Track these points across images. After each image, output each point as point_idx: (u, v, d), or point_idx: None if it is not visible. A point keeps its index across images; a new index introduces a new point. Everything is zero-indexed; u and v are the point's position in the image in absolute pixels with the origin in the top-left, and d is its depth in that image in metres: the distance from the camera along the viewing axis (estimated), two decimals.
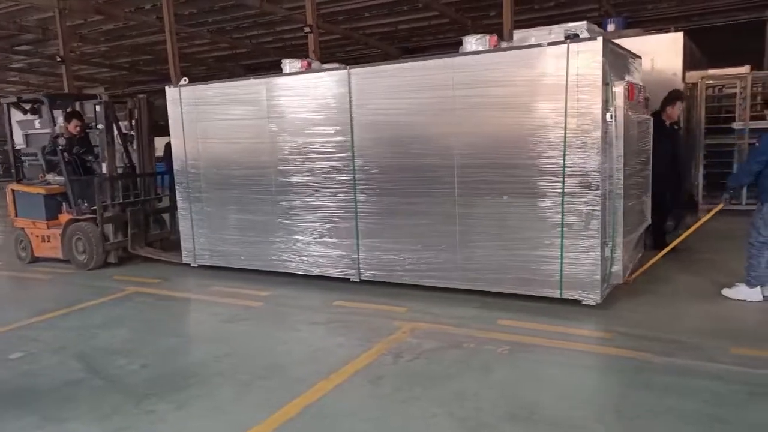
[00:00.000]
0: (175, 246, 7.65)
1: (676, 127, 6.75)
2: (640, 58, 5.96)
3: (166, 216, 8.37)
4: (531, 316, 4.89)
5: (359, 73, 5.73)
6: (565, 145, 4.79)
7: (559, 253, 4.93)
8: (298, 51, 17.41)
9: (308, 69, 6.24)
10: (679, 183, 7.02)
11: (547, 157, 4.88)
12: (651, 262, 5.75)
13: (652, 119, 6.01)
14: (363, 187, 5.84)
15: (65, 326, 5.38)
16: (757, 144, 5.09)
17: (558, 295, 5.00)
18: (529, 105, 4.91)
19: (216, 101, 6.65)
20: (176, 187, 7.18)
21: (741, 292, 5.07)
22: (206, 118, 6.74)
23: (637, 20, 14.66)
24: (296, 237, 6.33)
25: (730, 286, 5.19)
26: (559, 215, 4.89)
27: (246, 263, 6.74)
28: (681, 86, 7.16)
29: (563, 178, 4.84)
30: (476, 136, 5.19)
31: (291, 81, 6.20)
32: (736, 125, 8.97)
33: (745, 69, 9.99)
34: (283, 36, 18.50)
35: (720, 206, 5.42)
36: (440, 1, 14.57)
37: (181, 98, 6.88)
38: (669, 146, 6.44)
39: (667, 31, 7.87)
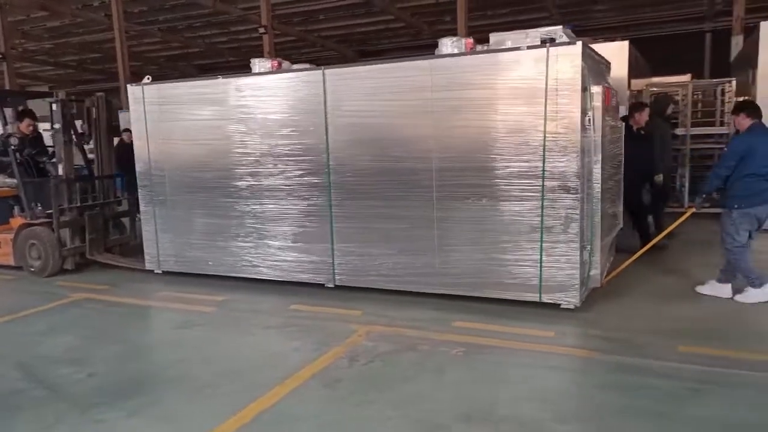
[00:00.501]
0: (136, 251, 7.40)
1: (642, 132, 7.04)
2: (610, 63, 6.09)
3: (126, 220, 8.06)
4: (487, 317, 4.96)
5: (334, 73, 5.59)
6: (544, 149, 4.79)
7: (539, 257, 4.93)
8: (253, 52, 17.21)
9: (279, 69, 6.08)
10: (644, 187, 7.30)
11: (527, 161, 4.87)
12: (625, 264, 5.82)
13: (623, 124, 6.23)
14: (338, 190, 5.70)
15: (5, 334, 5.15)
16: (726, 149, 5.20)
17: (537, 299, 4.98)
18: (508, 108, 4.89)
19: (182, 101, 6.41)
20: (139, 189, 6.89)
21: (751, 295, 5.08)
22: (171, 118, 6.50)
23: (585, 29, 15.13)
24: (268, 242, 6.16)
25: (741, 290, 5.17)
26: (539, 219, 4.88)
27: (214, 269, 6.53)
28: (627, 94, 7.46)
29: (542, 181, 4.84)
30: (455, 138, 5.13)
31: (262, 81, 6.01)
32: (678, 131, 9.37)
33: (686, 77, 10.45)
34: (238, 36, 18.27)
35: (692, 210, 5.59)
36: (396, 6, 14.69)
37: (144, 97, 6.62)
38: (638, 151, 6.70)
39: (613, 40, 8.19)
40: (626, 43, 7.70)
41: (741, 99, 5.30)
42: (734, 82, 9.34)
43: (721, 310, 4.99)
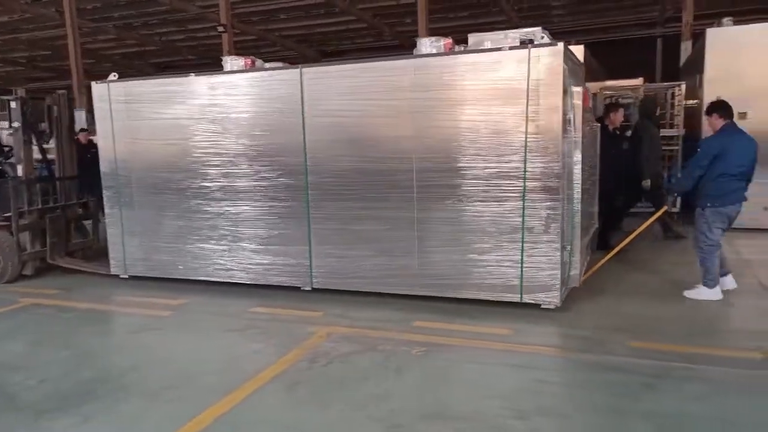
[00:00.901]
0: (100, 255, 7.15)
1: (617, 132, 7.22)
2: (584, 65, 6.18)
3: (88, 223, 7.77)
4: (448, 317, 5.00)
5: (312, 72, 5.50)
6: (525, 150, 4.80)
7: (520, 258, 4.94)
8: (212, 50, 16.96)
9: (253, 67, 5.94)
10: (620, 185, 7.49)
11: (508, 161, 4.87)
12: (600, 263, 5.91)
13: (599, 125, 6.36)
14: (316, 191, 5.60)
15: None
16: (699, 149, 5.28)
17: (518, 300, 5.00)
18: (489, 109, 4.88)
19: (151, 99, 6.19)
20: (104, 191, 6.63)
21: (702, 293, 5.24)
22: (140, 116, 6.27)
23: None
24: (242, 245, 6.01)
25: (689, 287, 5.36)
26: (520, 219, 4.90)
27: (184, 273, 6.33)
28: None
29: (524, 182, 4.85)
30: (435, 139, 5.11)
31: (236, 79, 5.83)
32: (629, 133, 9.62)
33: (638, 81, 10.78)
34: (196, 34, 17.94)
35: (664, 209, 5.72)
36: (357, 6, 14.69)
37: (110, 95, 6.38)
38: (614, 151, 6.88)
39: (568, 44, 8.35)
40: (581, 47, 7.89)
41: (715, 99, 5.37)
42: (683, 86, 9.67)
43: (696, 309, 5.07)
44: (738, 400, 3.43)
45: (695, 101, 8.55)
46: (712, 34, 8.19)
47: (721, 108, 5.24)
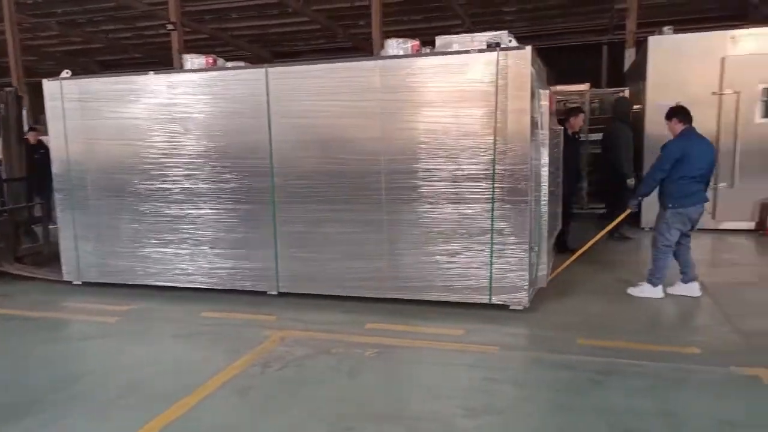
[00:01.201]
0: (51, 261, 6.83)
1: (577, 136, 7.38)
2: (547, 69, 6.30)
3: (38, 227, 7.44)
4: (401, 318, 5.02)
5: (278, 72, 5.40)
6: (494, 152, 4.83)
7: (489, 260, 4.97)
8: (161, 49, 16.54)
9: (215, 66, 5.80)
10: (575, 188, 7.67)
11: (476, 164, 4.90)
12: (564, 264, 6.01)
13: (562, 129, 6.48)
14: (282, 193, 5.50)
15: None
16: (660, 153, 5.39)
17: (487, 301, 5.02)
18: (458, 111, 4.89)
19: (107, 97, 5.94)
20: (56, 194, 6.32)
21: (645, 290, 5.40)
22: (95, 116, 6.01)
23: None
24: (204, 249, 5.83)
25: (634, 285, 5.53)
26: (489, 221, 4.93)
27: (143, 278, 6.09)
28: None
29: (493, 184, 4.88)
30: (404, 141, 5.09)
31: (198, 78, 5.65)
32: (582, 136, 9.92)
33: (585, 86, 11.11)
34: (144, 32, 17.45)
35: (628, 212, 5.86)
36: (311, 8, 14.60)
37: (62, 93, 6.09)
38: (574, 153, 7.02)
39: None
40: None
41: (674, 104, 5.54)
42: (627, 91, 10.02)
43: (643, 307, 5.21)
44: (679, 393, 3.57)
45: (639, 106, 8.87)
46: (654, 42, 8.52)
47: (679, 113, 5.37)
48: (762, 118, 8.05)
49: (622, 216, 6.08)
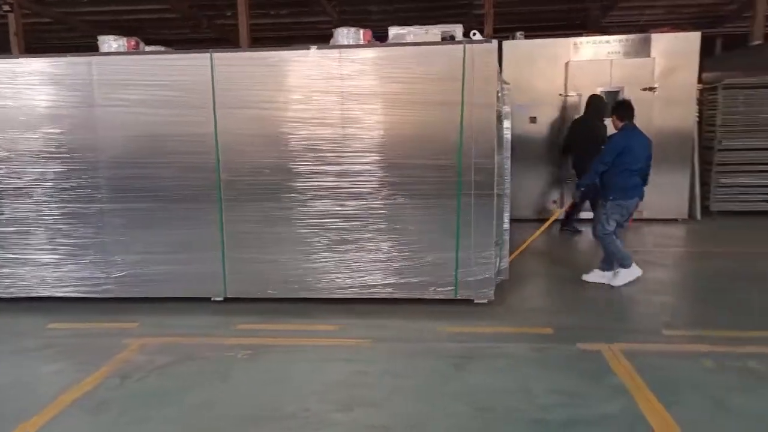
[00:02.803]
0: None
1: None
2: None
3: None
4: (272, 317, 4.93)
5: (226, 58, 4.95)
6: (461, 145, 4.80)
7: (455, 255, 4.94)
8: None
9: (138, 50, 5.21)
10: None
11: (442, 158, 4.84)
12: (512, 256, 6.02)
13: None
14: (230, 190, 5.07)
15: None
16: (604, 147, 5.64)
17: (453, 296, 5.01)
18: (424, 104, 4.81)
19: (15, 82, 5.10)
20: None
21: (623, 276, 5.58)
22: None
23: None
24: (134, 254, 5.21)
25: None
26: (455, 216, 4.89)
27: (35, 290, 5.33)
28: None
29: (459, 178, 4.84)
30: (365, 134, 4.93)
31: (130, 63, 5.05)
32: None
33: None
34: None
35: (571, 203, 6.07)
36: None
37: None
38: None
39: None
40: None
41: (619, 100, 5.87)
42: None
43: (508, 293, 5.34)
44: (534, 371, 3.86)
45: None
46: (508, 47, 9.13)
47: (619, 109, 5.67)
48: None
49: (565, 208, 6.40)
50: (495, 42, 4.82)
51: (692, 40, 8.73)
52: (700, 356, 4.00)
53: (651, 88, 8.61)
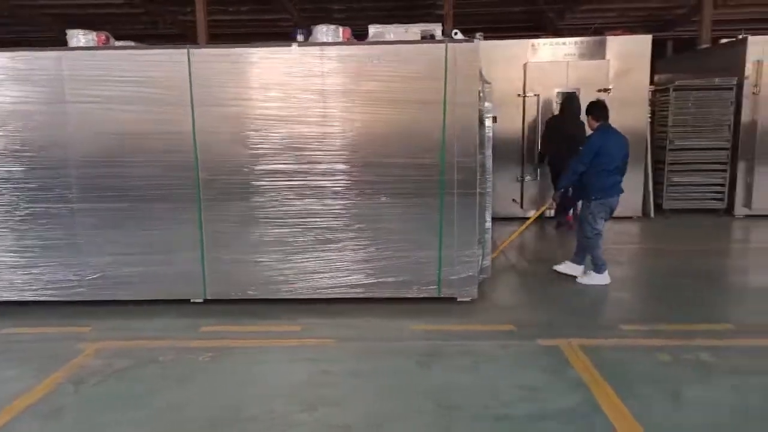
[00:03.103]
0: None
1: None
2: None
3: None
4: (234, 318, 4.87)
5: (202, 54, 4.81)
6: (443, 144, 4.78)
7: (438, 253, 4.93)
8: None
9: (109, 44, 5.00)
10: None
11: (425, 156, 4.82)
12: (495, 253, 6.09)
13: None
14: (209, 189, 4.95)
15: None
16: (582, 148, 5.69)
17: (437, 294, 5.00)
18: (406, 102, 4.78)
19: None
20: None
21: (594, 278, 5.67)
22: None
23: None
24: (110, 256, 5.02)
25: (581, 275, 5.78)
26: (438, 214, 4.88)
27: (22, 293, 5.10)
28: None
29: (441, 177, 4.83)
30: (348, 132, 4.87)
31: (103, 58, 4.86)
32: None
33: None
34: None
35: (550, 202, 6.10)
36: None
37: None
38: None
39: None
40: None
41: (593, 100, 5.92)
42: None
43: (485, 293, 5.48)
44: (495, 367, 3.92)
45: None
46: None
47: (594, 110, 5.74)
48: None
49: (543, 208, 6.46)
50: (477, 42, 4.81)
51: (644, 42, 9.00)
52: (655, 350, 4.13)
53: (606, 90, 8.83)
